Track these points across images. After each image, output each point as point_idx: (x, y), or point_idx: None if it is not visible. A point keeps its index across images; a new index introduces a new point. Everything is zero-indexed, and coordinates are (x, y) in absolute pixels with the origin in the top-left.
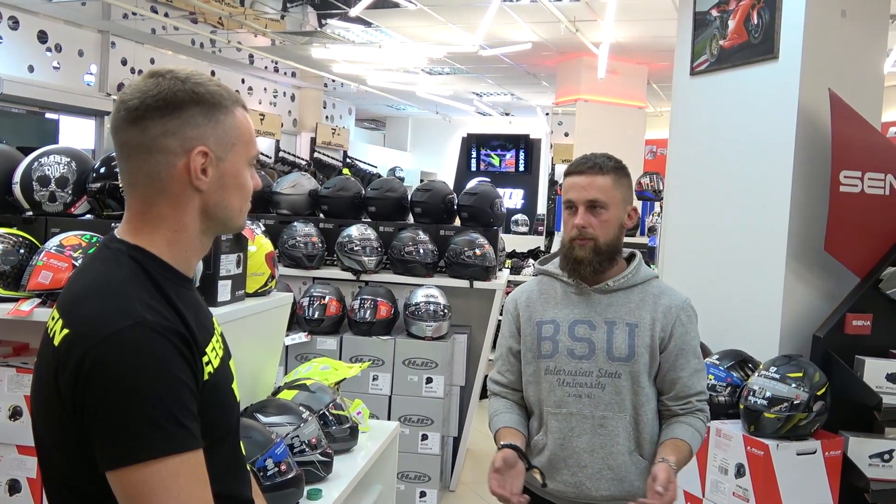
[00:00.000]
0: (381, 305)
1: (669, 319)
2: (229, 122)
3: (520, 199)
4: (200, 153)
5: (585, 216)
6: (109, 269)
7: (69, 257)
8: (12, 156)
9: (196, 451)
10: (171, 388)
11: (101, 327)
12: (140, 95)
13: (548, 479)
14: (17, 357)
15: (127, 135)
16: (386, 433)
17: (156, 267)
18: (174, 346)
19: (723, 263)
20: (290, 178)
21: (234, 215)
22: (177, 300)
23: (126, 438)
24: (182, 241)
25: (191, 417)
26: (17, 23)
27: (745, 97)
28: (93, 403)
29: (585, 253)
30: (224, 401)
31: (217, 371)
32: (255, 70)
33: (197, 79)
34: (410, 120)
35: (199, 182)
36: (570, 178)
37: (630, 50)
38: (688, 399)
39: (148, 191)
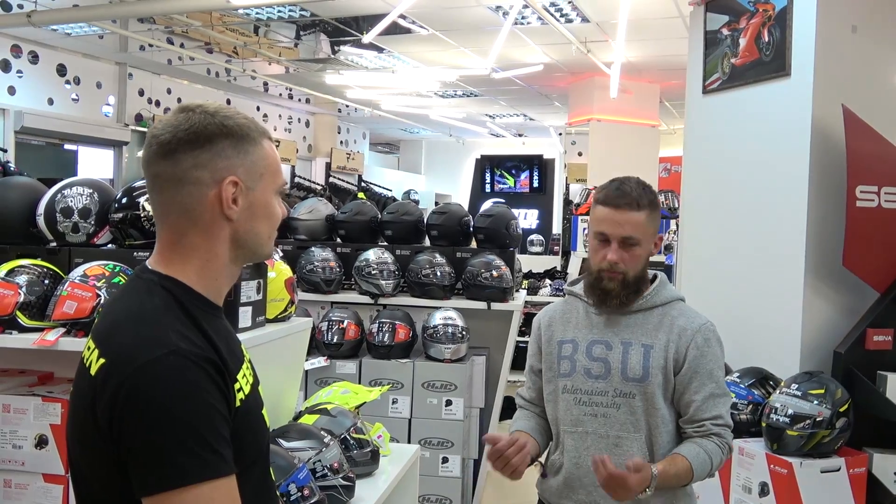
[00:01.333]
0: (399, 328)
1: (684, 342)
2: (258, 153)
3: (535, 219)
4: (231, 183)
5: (619, 252)
6: (143, 299)
7: (93, 287)
8: (35, 188)
9: (230, 476)
10: (205, 415)
11: (136, 356)
12: (172, 130)
13: (563, 497)
14: (43, 386)
15: (159, 167)
16: (407, 456)
17: (187, 297)
18: (207, 374)
19: (740, 281)
20: (307, 203)
21: (263, 242)
22: (208, 329)
23: (161, 465)
24: (213, 270)
25: (224, 444)
26: (37, 57)
27: (758, 114)
28: (129, 430)
29: (614, 286)
30: (255, 426)
31: (248, 397)
32: (270, 97)
33: (226, 112)
34: (424, 143)
35: (231, 211)
36: (605, 209)
37: (641, 69)
38: (701, 422)
39: (180, 221)
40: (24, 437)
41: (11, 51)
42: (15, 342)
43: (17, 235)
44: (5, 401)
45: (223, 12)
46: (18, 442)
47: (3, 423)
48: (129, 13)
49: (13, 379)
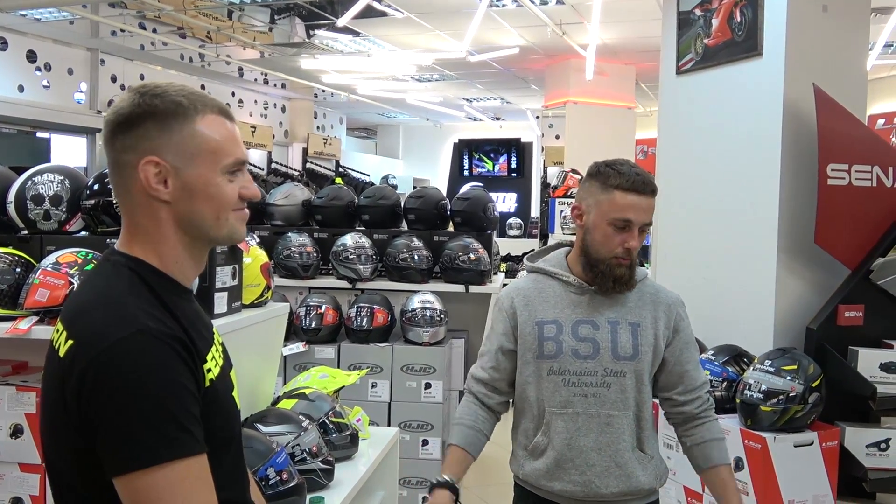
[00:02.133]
0: (377, 313)
1: (671, 316)
2: (186, 131)
3: (513, 202)
4: (150, 163)
5: (640, 238)
6: (110, 280)
7: (66, 274)
8: (5, 175)
9: (200, 455)
10: (173, 394)
11: (103, 336)
12: (109, 114)
13: (554, 479)
14: (17, 375)
15: (105, 151)
16: (386, 439)
17: (154, 277)
18: (175, 352)
19: (715, 260)
20: (282, 188)
21: (209, 224)
22: (175, 309)
23: (130, 444)
24: (169, 253)
25: (194, 422)
26: (6, 43)
27: (731, 94)
28: (97, 411)
29: (624, 271)
30: (226, 408)
31: (218, 378)
32: (245, 83)
33: (159, 90)
34: (402, 127)
35: (157, 192)
36: (631, 196)
37: (617, 51)
38: (697, 392)
39: (127, 204)
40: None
41: None
42: None
43: None
44: None
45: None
46: None
47: None
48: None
49: None
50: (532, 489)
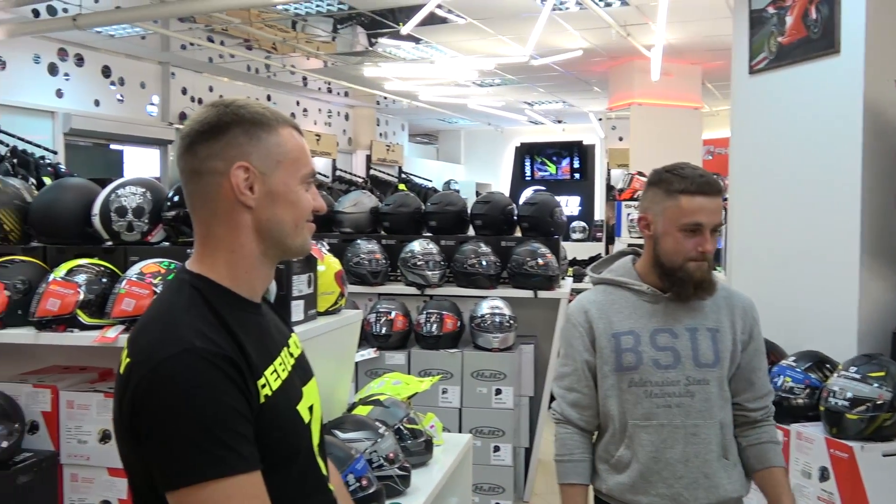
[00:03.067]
0: (446, 319)
1: (748, 321)
2: (272, 139)
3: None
4: (241, 168)
5: (712, 240)
6: (172, 298)
7: (150, 284)
8: (90, 189)
9: (251, 473)
10: (216, 412)
11: (153, 354)
12: (191, 124)
13: (640, 493)
14: (104, 382)
15: (183, 162)
16: (459, 446)
17: (215, 294)
18: (221, 371)
19: (793, 263)
20: (351, 196)
21: (288, 231)
22: (235, 325)
23: (174, 462)
24: (241, 264)
25: (240, 440)
26: (82, 59)
27: (807, 94)
28: (145, 428)
29: (704, 273)
30: (285, 423)
31: (276, 394)
32: (309, 92)
33: (242, 103)
34: (463, 132)
35: (245, 198)
36: (699, 199)
37: (683, 51)
38: (765, 400)
39: (204, 213)
40: (89, 432)
41: (58, 54)
42: (76, 340)
43: (74, 235)
44: (69, 397)
45: (261, 9)
46: (83, 437)
47: (68, 419)
48: (170, 13)
49: (75, 376)
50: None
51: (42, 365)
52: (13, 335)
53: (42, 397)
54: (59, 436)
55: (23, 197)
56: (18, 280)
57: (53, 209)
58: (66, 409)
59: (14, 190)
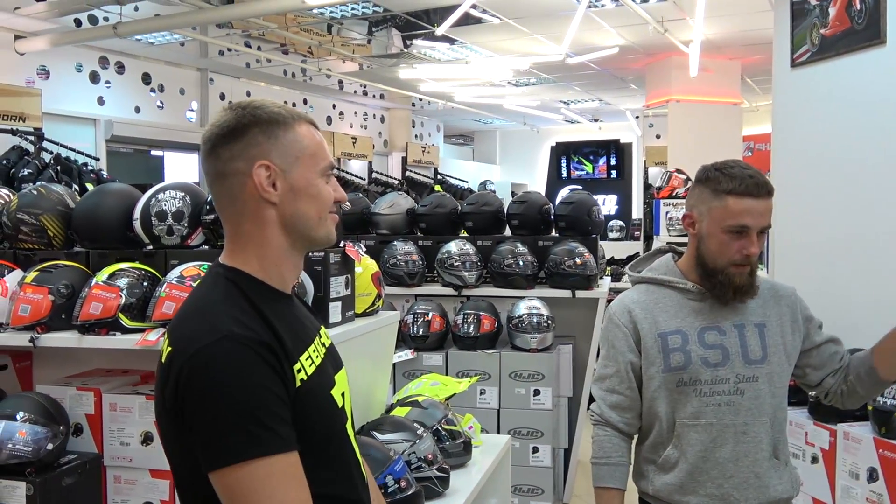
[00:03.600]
0: (484, 319)
1: (795, 308)
2: (290, 136)
3: (613, 204)
4: (262, 166)
5: (759, 242)
6: (208, 291)
7: (190, 287)
8: (130, 194)
9: (287, 453)
10: (255, 395)
11: (193, 343)
12: (211, 129)
13: (689, 493)
14: (146, 385)
15: (207, 165)
16: (498, 447)
17: (250, 285)
18: (259, 356)
19: (838, 259)
20: (387, 198)
21: (312, 224)
22: (269, 314)
23: (218, 442)
24: (270, 257)
25: (279, 421)
26: (123, 67)
27: (852, 86)
28: (189, 412)
29: (744, 279)
30: (321, 405)
31: (311, 378)
32: (345, 95)
33: (257, 104)
34: (498, 133)
35: (268, 194)
36: (746, 200)
37: (721, 46)
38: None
39: (231, 213)
40: (131, 434)
41: (99, 62)
42: (119, 343)
43: (116, 240)
44: (112, 400)
45: (297, 13)
46: (126, 439)
47: (111, 422)
48: (208, 19)
49: (118, 378)
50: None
51: (86, 368)
52: (57, 339)
53: (86, 400)
54: (102, 438)
55: (66, 203)
56: (62, 285)
57: (95, 214)
58: (108, 411)
59: (57, 196)
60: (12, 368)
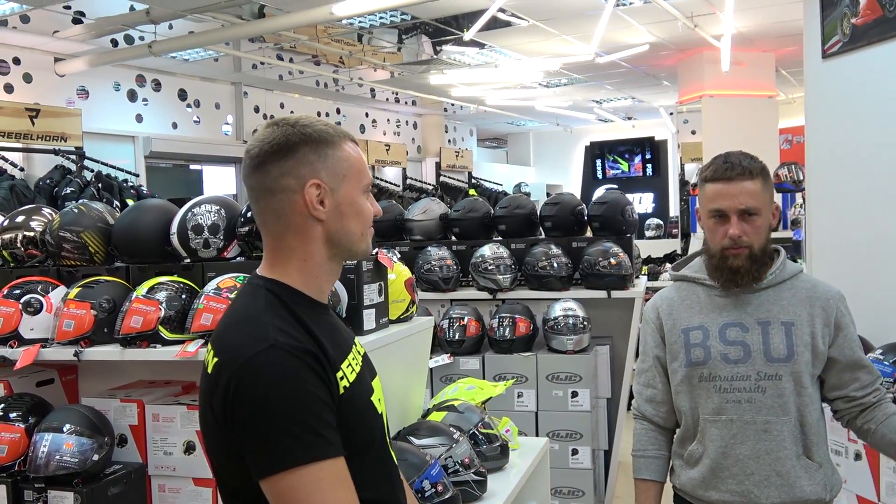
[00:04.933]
0: (519, 322)
1: (830, 312)
2: (338, 155)
3: (650, 202)
4: (313, 185)
5: (740, 225)
6: (249, 302)
7: (227, 299)
8: (167, 209)
9: (337, 458)
10: (304, 401)
11: (241, 352)
12: (259, 144)
13: (711, 488)
14: (187, 395)
15: (252, 180)
16: (536, 449)
17: (290, 296)
18: (306, 364)
19: (878, 253)
20: (420, 204)
21: (355, 240)
22: (310, 323)
23: (269, 449)
24: (311, 269)
25: (327, 427)
26: (160, 84)
27: (885, 75)
28: (240, 421)
29: (741, 262)
30: (363, 412)
31: (353, 385)
32: (378, 103)
33: (305, 121)
34: (531, 134)
35: (317, 212)
36: (716, 185)
37: (754, 39)
38: (875, 385)
39: (276, 227)
40: (174, 443)
41: (136, 81)
42: (159, 355)
43: (154, 254)
44: (154, 410)
45: (328, 24)
46: (169, 448)
47: (154, 432)
48: (241, 34)
49: (160, 389)
50: (690, 499)
51: (129, 380)
52: (100, 352)
53: (129, 411)
54: (146, 448)
55: (105, 219)
56: (104, 299)
57: (134, 230)
58: (152, 422)
59: (97, 213)
60: (59, 382)
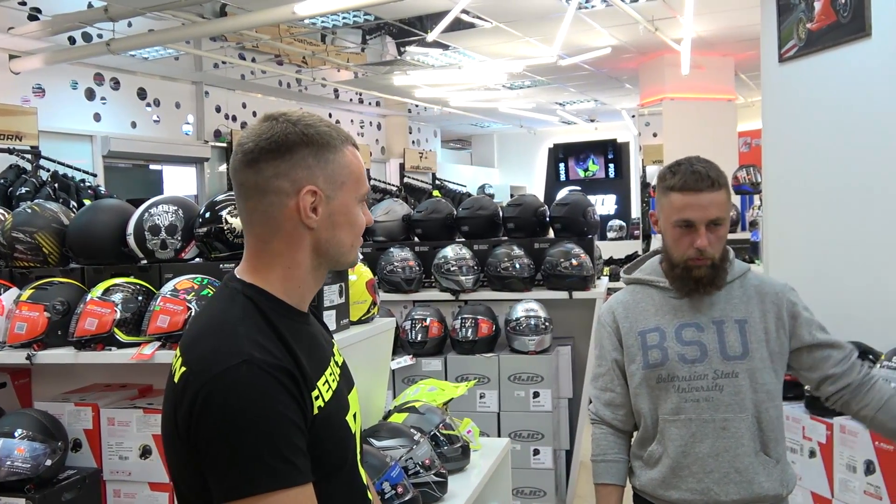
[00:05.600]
0: (481, 323)
1: (781, 305)
2: (338, 161)
3: (612, 204)
4: (309, 192)
5: (707, 236)
6: (225, 307)
7: (184, 300)
8: (124, 209)
9: (304, 486)
10: (276, 425)
11: (212, 365)
12: (255, 139)
13: (671, 488)
14: (143, 398)
15: (244, 176)
16: (497, 450)
17: (270, 304)
18: (280, 383)
19: (833, 253)
20: (383, 205)
21: (345, 251)
22: (289, 336)
23: (233, 473)
24: (296, 277)
25: (297, 453)
26: (118, 83)
27: (839, 79)
28: (204, 438)
29: (704, 273)
30: (336, 433)
31: (328, 405)
32: (341, 103)
33: (308, 120)
34: (495, 136)
35: (310, 220)
36: (684, 196)
37: (713, 43)
38: (850, 358)
39: (263, 230)
40: (130, 448)
41: (94, 79)
42: (115, 358)
43: (110, 255)
44: (110, 414)
45: (290, 24)
46: (124, 453)
47: (110, 436)
48: (202, 33)
49: (115, 393)
50: (650, 499)
51: (84, 384)
52: (54, 355)
53: (84, 415)
54: (101, 453)
55: (60, 220)
56: (58, 301)
57: (89, 231)
58: (107, 426)
59: (52, 213)
60: (11, 386)
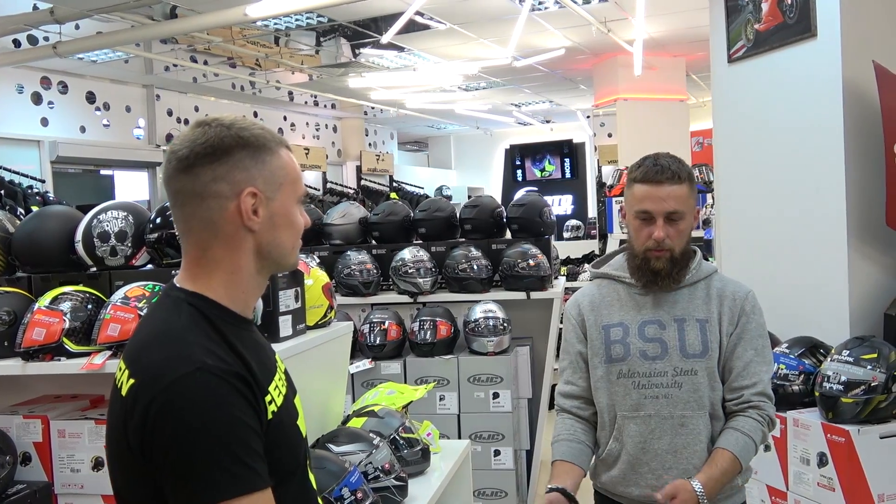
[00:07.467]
0: (440, 325)
1: (735, 310)
2: (275, 162)
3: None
4: (250, 194)
5: (665, 228)
6: (171, 317)
7: (135, 308)
8: (72, 215)
9: (264, 490)
10: (234, 430)
11: (164, 375)
12: (189, 144)
13: (631, 485)
14: (95, 409)
15: (179, 183)
16: (458, 452)
17: (215, 312)
18: (235, 389)
19: (782, 250)
20: (339, 208)
21: (286, 252)
22: (237, 343)
23: (193, 482)
24: (238, 283)
25: (256, 457)
26: (66, 87)
27: (786, 79)
28: (160, 449)
29: (662, 264)
30: (289, 438)
31: (280, 409)
32: (296, 106)
33: (241, 124)
34: (452, 138)
35: (251, 222)
36: (645, 187)
37: (665, 44)
38: (740, 392)
39: (203, 236)
40: (81, 460)
41: (41, 83)
42: (64, 368)
43: (58, 263)
44: (60, 426)
45: (242, 26)
46: (76, 465)
47: (61, 448)
48: (151, 35)
49: (66, 404)
50: (610, 496)
51: (33, 395)
52: (0, 367)
53: (33, 428)
54: (52, 465)
55: (5, 227)
56: (3, 311)
57: (36, 238)
58: (57, 438)
59: None
60: None
